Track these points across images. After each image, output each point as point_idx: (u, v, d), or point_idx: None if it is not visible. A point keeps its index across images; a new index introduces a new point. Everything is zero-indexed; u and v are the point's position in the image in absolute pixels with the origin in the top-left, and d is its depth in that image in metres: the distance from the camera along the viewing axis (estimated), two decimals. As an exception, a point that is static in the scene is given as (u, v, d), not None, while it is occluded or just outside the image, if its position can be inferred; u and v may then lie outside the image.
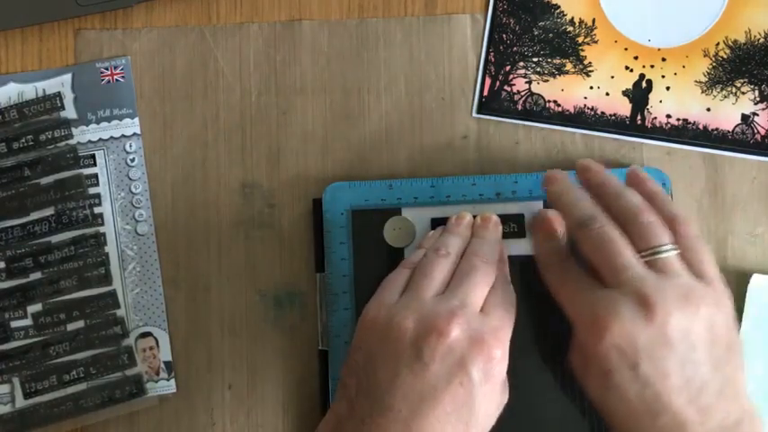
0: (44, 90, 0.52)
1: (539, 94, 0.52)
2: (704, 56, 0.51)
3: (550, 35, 0.52)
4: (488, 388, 0.39)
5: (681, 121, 0.51)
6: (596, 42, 0.52)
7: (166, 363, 0.51)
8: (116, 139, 0.52)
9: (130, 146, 0.52)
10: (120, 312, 0.51)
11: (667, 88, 0.52)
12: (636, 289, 0.39)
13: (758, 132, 0.51)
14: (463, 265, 0.42)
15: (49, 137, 0.51)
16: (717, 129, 0.51)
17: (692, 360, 0.39)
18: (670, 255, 0.41)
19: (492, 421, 0.40)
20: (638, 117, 0.52)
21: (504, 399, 0.41)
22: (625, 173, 0.47)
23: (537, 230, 0.47)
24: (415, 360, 0.38)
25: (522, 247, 0.49)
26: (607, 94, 0.52)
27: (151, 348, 0.51)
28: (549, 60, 0.52)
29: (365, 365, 0.40)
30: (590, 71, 0.52)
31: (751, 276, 0.50)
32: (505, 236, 0.48)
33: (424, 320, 0.39)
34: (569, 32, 0.52)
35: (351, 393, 0.40)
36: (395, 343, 0.39)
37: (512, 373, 0.42)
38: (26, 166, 0.51)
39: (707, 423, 0.38)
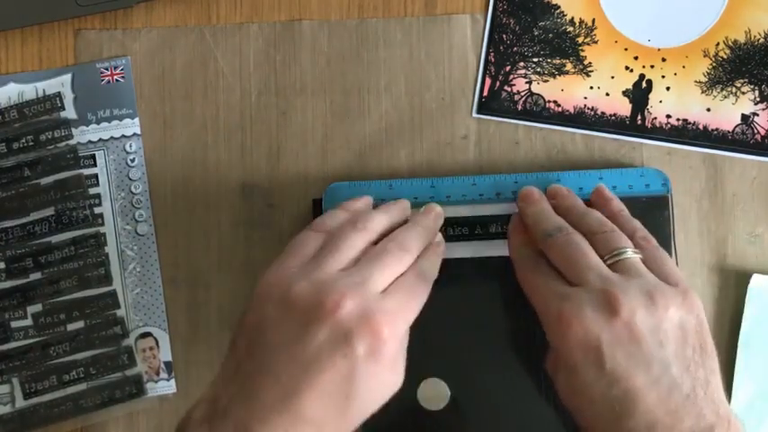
0: (44, 90, 0.52)
1: (539, 95, 0.52)
2: (704, 56, 0.51)
3: (550, 35, 0.52)
4: (373, 366, 0.38)
5: (681, 122, 0.51)
6: (596, 42, 0.52)
7: (166, 363, 0.51)
8: (116, 139, 0.52)
9: (130, 146, 0.52)
10: (120, 312, 0.51)
11: (667, 88, 0.52)
12: (600, 287, 0.40)
13: (758, 132, 0.51)
14: (378, 247, 0.42)
15: (49, 137, 0.51)
16: (717, 129, 0.51)
17: (660, 359, 0.38)
18: (632, 257, 0.42)
19: (378, 401, 0.39)
20: (638, 117, 0.52)
21: (396, 384, 0.40)
22: (594, 191, 0.48)
23: (512, 233, 0.47)
24: (302, 329, 0.38)
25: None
26: (607, 94, 0.52)
27: (151, 348, 0.51)
28: (549, 60, 0.52)
29: (256, 328, 0.39)
30: (590, 71, 0.52)
31: (751, 276, 0.50)
32: (505, 236, 0.48)
33: (320, 292, 0.38)
34: (569, 33, 0.52)
35: (239, 353, 0.39)
36: (287, 310, 0.39)
37: (492, 371, 0.42)
38: (26, 167, 0.51)
39: (677, 426, 0.37)
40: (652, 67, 0.52)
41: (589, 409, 0.39)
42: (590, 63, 0.52)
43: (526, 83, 0.52)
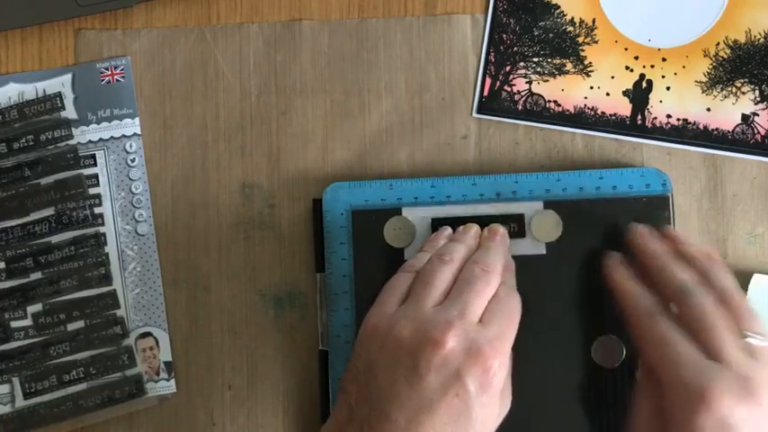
0: (44, 90, 0.52)
1: (539, 94, 0.52)
2: (704, 56, 0.51)
3: (551, 35, 0.52)
4: (486, 398, 0.38)
5: (681, 121, 0.51)
6: (596, 42, 0.52)
7: (166, 363, 0.51)
8: (116, 139, 0.52)
9: (131, 146, 0.52)
10: (120, 312, 0.51)
11: (667, 88, 0.52)
12: (740, 369, 0.39)
13: (758, 132, 0.51)
14: (464, 273, 0.42)
15: (50, 137, 0.51)
16: (717, 129, 0.51)
17: None
18: (762, 342, 0.41)
19: (493, 427, 0.40)
20: (639, 117, 0.52)
21: (506, 407, 0.41)
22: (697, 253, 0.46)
23: (620, 270, 0.46)
24: (411, 371, 0.38)
25: (521, 246, 0.49)
26: (607, 94, 0.52)
27: (151, 348, 0.51)
28: (550, 60, 0.52)
29: (365, 373, 0.40)
30: (590, 71, 0.52)
31: (751, 276, 0.50)
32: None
33: (421, 331, 0.39)
34: (569, 32, 0.52)
35: (351, 400, 0.40)
36: (393, 352, 0.39)
37: (516, 374, 0.42)
38: (26, 167, 0.51)
39: None
40: (652, 66, 0.52)
41: None
42: (590, 63, 0.52)
43: (526, 83, 0.52)
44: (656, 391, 0.42)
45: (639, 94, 0.52)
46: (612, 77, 0.52)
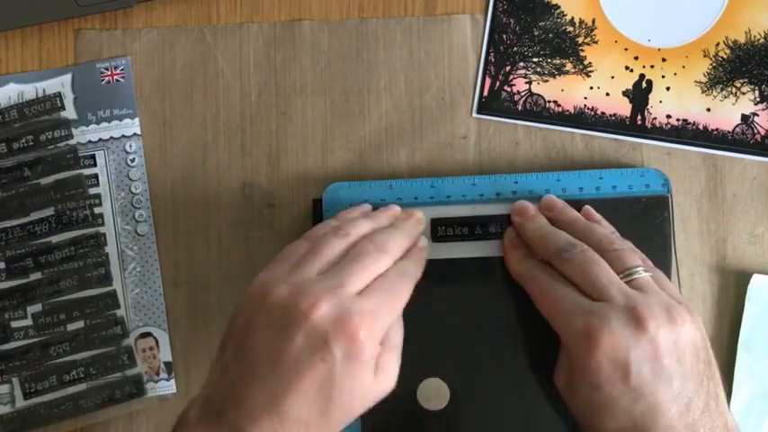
0: (44, 90, 0.52)
1: (539, 95, 0.52)
2: (704, 56, 0.51)
3: (550, 35, 0.52)
4: (352, 367, 0.38)
5: (681, 122, 0.51)
6: (596, 42, 0.52)
7: (166, 363, 0.51)
8: (116, 139, 0.52)
9: (130, 146, 0.52)
10: (120, 312, 0.51)
11: (667, 88, 0.52)
12: (626, 303, 0.40)
13: (758, 132, 0.51)
14: (357, 248, 0.42)
15: (49, 137, 0.51)
16: (717, 129, 0.51)
17: (680, 374, 0.39)
18: (645, 275, 0.42)
19: (364, 403, 0.40)
20: (638, 117, 0.52)
21: (386, 385, 0.41)
22: (583, 209, 0.48)
23: (510, 248, 0.47)
24: (282, 332, 0.38)
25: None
26: (607, 94, 0.52)
27: (151, 348, 0.51)
28: (549, 60, 0.52)
29: (242, 332, 0.40)
30: (590, 71, 0.52)
31: (751, 276, 0.50)
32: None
33: (297, 295, 0.39)
34: (569, 33, 0.52)
35: (227, 357, 0.40)
36: (268, 314, 0.39)
37: (492, 371, 0.43)
38: (26, 167, 0.51)
39: None
40: (652, 67, 0.52)
41: (610, 423, 0.40)
42: (590, 63, 0.52)
43: (526, 83, 0.52)
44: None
45: (639, 94, 0.52)
46: (612, 78, 0.52)
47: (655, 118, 0.51)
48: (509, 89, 0.52)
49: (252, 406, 0.38)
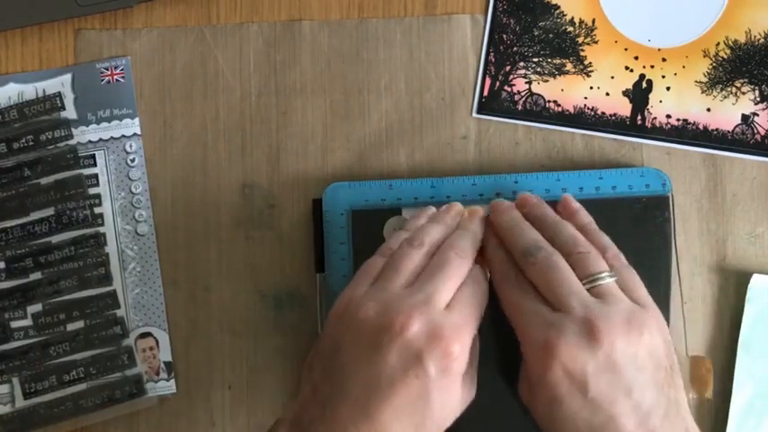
0: (44, 90, 0.52)
1: (539, 95, 0.52)
2: (704, 56, 0.51)
3: (550, 35, 0.52)
4: (445, 382, 0.39)
5: (681, 122, 0.51)
6: (596, 42, 0.52)
7: (166, 363, 0.51)
8: (116, 139, 0.52)
9: (130, 146, 0.52)
10: (120, 312, 0.51)
11: (667, 88, 0.52)
12: (583, 315, 0.40)
13: (758, 132, 0.51)
14: (437, 258, 0.42)
15: (49, 137, 0.51)
16: (717, 129, 0.51)
17: (639, 384, 0.39)
18: (609, 282, 0.42)
19: (453, 415, 0.40)
20: (638, 117, 0.52)
21: (470, 396, 0.41)
22: (559, 202, 0.47)
23: (490, 247, 0.46)
24: (374, 351, 0.39)
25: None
26: (607, 94, 0.52)
27: (151, 348, 0.51)
28: (549, 60, 0.52)
29: (330, 352, 0.40)
30: (590, 71, 0.52)
31: (751, 276, 0.50)
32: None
33: (386, 313, 0.39)
34: (569, 32, 0.52)
35: (316, 377, 0.41)
36: (357, 333, 0.40)
37: (491, 374, 0.42)
38: (26, 167, 0.51)
39: None
40: (652, 67, 0.52)
41: None
42: (590, 63, 0.52)
43: (526, 83, 0.52)
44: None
45: (639, 94, 0.52)
46: (612, 77, 0.52)
47: (655, 118, 0.51)
48: (509, 89, 0.52)
49: (344, 426, 0.38)
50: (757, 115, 0.51)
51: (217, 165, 0.52)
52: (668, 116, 0.51)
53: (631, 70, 0.52)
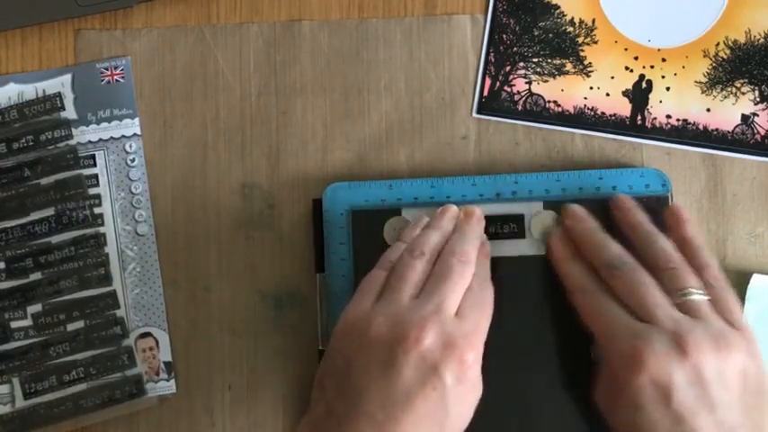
0: (44, 90, 0.52)
1: (539, 95, 0.52)
2: (704, 56, 0.51)
3: (550, 35, 0.52)
4: (462, 390, 0.39)
5: (681, 122, 0.51)
6: (596, 43, 0.52)
7: (166, 363, 0.51)
8: (116, 139, 0.52)
9: (130, 146, 0.52)
10: (120, 313, 0.51)
11: (667, 88, 0.52)
12: (670, 327, 0.40)
13: (758, 133, 0.51)
14: (440, 265, 0.43)
15: (49, 137, 0.51)
16: (717, 129, 0.51)
17: (724, 402, 0.39)
18: (700, 298, 0.42)
19: (468, 419, 0.41)
20: (638, 117, 0.52)
21: (478, 394, 0.41)
22: (667, 209, 0.47)
23: (562, 253, 0.47)
24: (389, 366, 0.39)
25: (521, 247, 0.49)
26: (607, 94, 0.52)
27: (151, 349, 0.51)
28: (549, 61, 0.52)
29: (342, 369, 0.40)
30: (590, 71, 0.52)
31: (751, 276, 0.50)
32: (505, 236, 0.48)
33: (398, 327, 0.39)
34: (569, 33, 0.52)
35: (329, 395, 0.40)
36: (370, 349, 0.40)
37: (502, 371, 0.43)
38: (26, 167, 0.51)
39: None
40: (652, 67, 0.52)
41: None
42: (590, 63, 0.52)
43: (526, 83, 0.52)
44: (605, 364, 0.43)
45: (639, 94, 0.52)
46: (612, 78, 0.52)
47: (655, 118, 0.51)
48: (509, 89, 0.52)
49: None
50: (757, 115, 0.51)
51: (217, 165, 0.52)
52: (668, 116, 0.51)
53: (631, 70, 0.52)
